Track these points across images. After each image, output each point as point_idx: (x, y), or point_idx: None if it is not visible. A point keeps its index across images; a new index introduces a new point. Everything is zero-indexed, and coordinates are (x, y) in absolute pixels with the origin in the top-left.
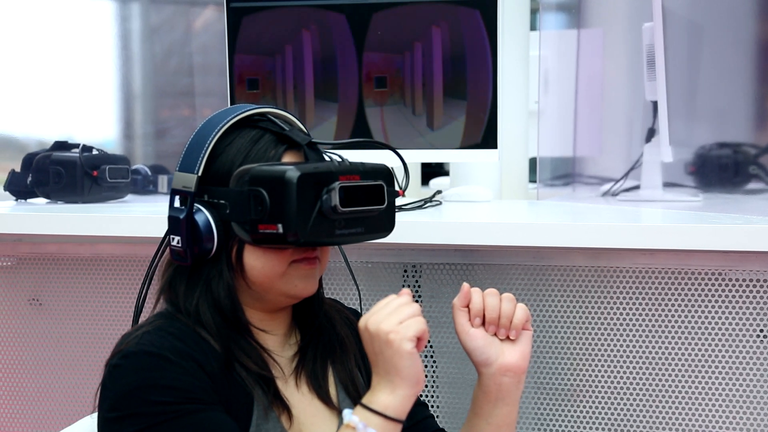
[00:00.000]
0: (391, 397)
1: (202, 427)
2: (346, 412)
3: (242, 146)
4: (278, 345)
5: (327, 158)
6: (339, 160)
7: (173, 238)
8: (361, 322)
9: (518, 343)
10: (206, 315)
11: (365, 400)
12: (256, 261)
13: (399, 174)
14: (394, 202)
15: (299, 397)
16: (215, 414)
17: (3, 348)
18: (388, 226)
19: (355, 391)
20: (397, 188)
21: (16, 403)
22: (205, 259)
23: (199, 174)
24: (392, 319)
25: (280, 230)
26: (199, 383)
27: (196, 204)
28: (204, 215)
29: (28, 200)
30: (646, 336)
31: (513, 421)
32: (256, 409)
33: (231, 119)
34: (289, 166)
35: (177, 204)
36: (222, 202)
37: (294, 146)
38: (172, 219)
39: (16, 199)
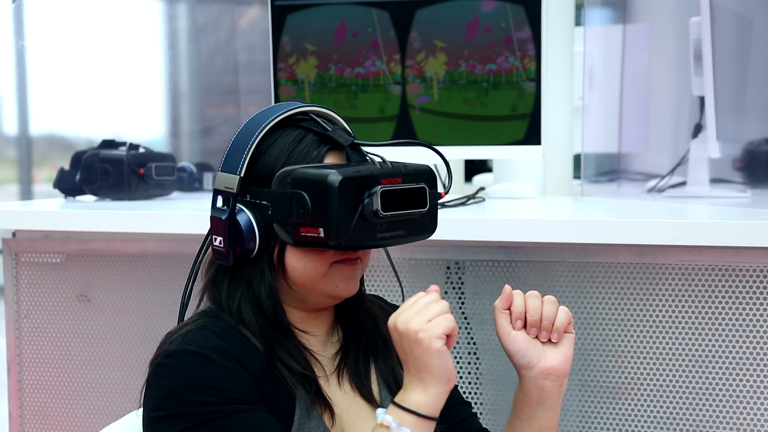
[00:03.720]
0: (423, 395)
1: (246, 427)
2: (380, 412)
3: (284, 147)
4: (320, 344)
5: (369, 159)
6: (381, 161)
7: (215, 238)
8: (390, 321)
9: (560, 346)
10: (248, 315)
11: (398, 399)
12: (297, 262)
13: (441, 169)
14: (436, 203)
15: (342, 396)
16: (258, 414)
17: (52, 343)
18: (430, 227)
19: (398, 389)
20: (439, 189)
21: (65, 398)
22: (247, 259)
23: (242, 175)
24: (421, 317)
25: (322, 234)
26: (242, 383)
27: (238, 204)
28: (246, 216)
29: (77, 198)
30: (692, 334)
31: (555, 424)
32: (298, 408)
33: (272, 120)
34: (331, 169)
35: (219, 204)
36: (264, 203)
37: (337, 147)
38: (214, 219)
39: (65, 197)
